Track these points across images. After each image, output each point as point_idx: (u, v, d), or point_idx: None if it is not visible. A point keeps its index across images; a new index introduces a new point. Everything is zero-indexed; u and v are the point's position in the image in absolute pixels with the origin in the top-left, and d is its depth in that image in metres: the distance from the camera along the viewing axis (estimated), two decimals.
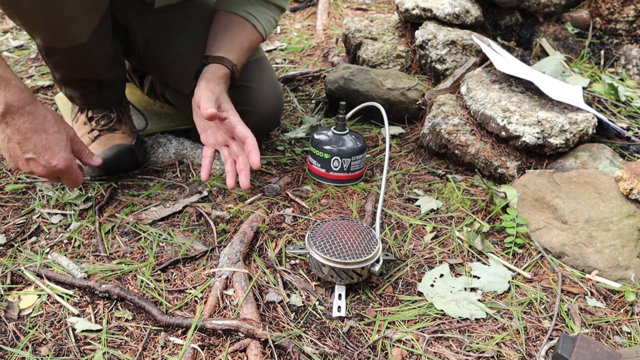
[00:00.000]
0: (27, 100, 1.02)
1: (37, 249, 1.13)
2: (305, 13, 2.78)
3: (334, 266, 1.02)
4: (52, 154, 1.05)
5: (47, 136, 1.04)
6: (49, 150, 1.05)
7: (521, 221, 1.21)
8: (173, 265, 1.11)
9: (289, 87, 1.95)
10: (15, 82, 1.01)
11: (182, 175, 1.39)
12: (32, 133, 1.03)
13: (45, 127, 1.04)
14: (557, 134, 1.33)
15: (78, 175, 1.12)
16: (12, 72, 1.01)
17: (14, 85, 1.00)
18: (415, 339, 0.97)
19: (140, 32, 1.41)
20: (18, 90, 1.01)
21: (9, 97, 0.99)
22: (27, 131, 1.03)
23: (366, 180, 1.43)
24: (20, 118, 1.02)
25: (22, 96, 1.01)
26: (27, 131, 1.03)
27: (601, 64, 1.90)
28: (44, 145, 1.04)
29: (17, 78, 1.02)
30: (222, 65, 1.24)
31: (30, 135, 1.03)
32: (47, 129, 1.04)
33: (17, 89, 1.01)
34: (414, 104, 1.65)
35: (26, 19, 1.13)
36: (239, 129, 1.19)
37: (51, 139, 1.05)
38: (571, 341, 0.91)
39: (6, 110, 1.00)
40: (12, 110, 1.01)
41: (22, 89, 1.01)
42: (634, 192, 1.16)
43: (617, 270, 1.12)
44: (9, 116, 1.01)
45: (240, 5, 1.32)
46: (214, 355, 0.92)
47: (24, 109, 1.01)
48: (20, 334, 0.94)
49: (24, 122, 1.02)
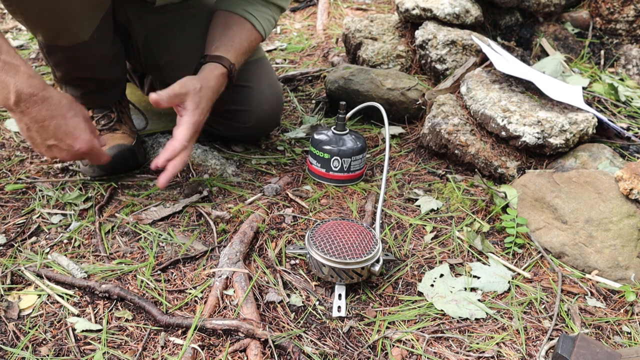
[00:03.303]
0: (38, 86, 0.99)
1: (37, 249, 1.13)
2: (305, 13, 2.78)
3: (334, 266, 1.02)
4: (74, 139, 1.04)
5: (66, 121, 1.02)
6: (69, 135, 1.03)
7: (521, 221, 1.21)
8: (173, 265, 1.11)
9: (289, 87, 1.95)
10: (24, 69, 0.98)
11: (182, 175, 1.39)
12: (49, 120, 1.00)
13: (62, 112, 1.02)
14: (557, 134, 1.33)
15: (101, 152, 1.11)
16: (21, 58, 0.98)
17: (23, 71, 0.97)
18: (415, 339, 0.97)
19: (141, 32, 1.41)
20: (27, 76, 0.98)
21: (19, 85, 0.97)
22: (45, 119, 1.00)
23: (366, 180, 1.43)
24: (34, 107, 0.99)
25: (33, 82, 0.98)
26: (45, 119, 1.00)
27: (601, 64, 1.90)
28: (63, 131, 1.02)
29: (26, 64, 0.99)
30: (220, 64, 1.23)
31: (48, 123, 1.01)
32: (65, 114, 1.02)
33: (27, 75, 0.98)
34: (414, 104, 1.65)
35: (28, 17, 1.13)
36: (177, 130, 1.15)
37: (70, 123, 1.03)
38: (571, 341, 0.91)
39: (18, 99, 0.97)
40: (25, 99, 0.98)
41: (31, 75, 0.98)
42: (634, 192, 1.16)
43: (617, 270, 1.12)
44: (23, 105, 0.98)
45: (239, 5, 1.32)
46: (214, 355, 0.92)
47: (37, 96, 0.99)
48: (20, 334, 0.94)
49: (40, 110, 0.99)
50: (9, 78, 0.97)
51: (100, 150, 1.11)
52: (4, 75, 0.97)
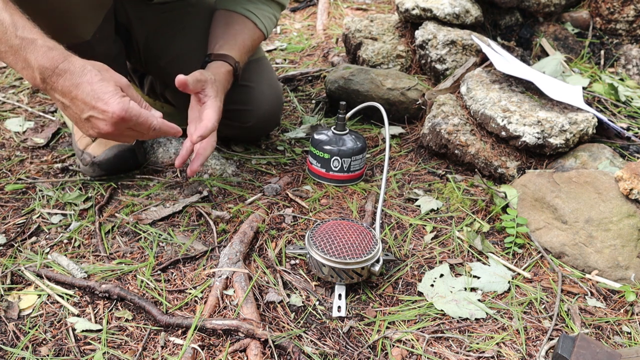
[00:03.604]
0: (58, 57, 0.92)
1: (37, 249, 1.13)
2: (305, 13, 2.77)
3: (334, 266, 1.02)
4: (104, 103, 0.93)
5: (92, 86, 0.93)
6: (99, 100, 0.93)
7: (521, 221, 1.21)
8: (173, 265, 1.11)
9: (289, 87, 1.95)
10: (41, 42, 0.92)
11: (182, 175, 1.39)
12: (76, 90, 0.93)
13: (87, 78, 0.93)
14: (557, 134, 1.33)
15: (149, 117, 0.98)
16: (37, 30, 0.93)
17: (41, 45, 0.92)
18: (415, 339, 0.97)
19: (141, 33, 1.41)
20: (46, 49, 0.92)
21: (39, 60, 0.91)
22: (71, 89, 0.93)
23: (366, 180, 1.43)
24: (59, 79, 0.93)
25: (52, 54, 0.92)
26: (71, 89, 0.93)
27: (601, 64, 1.90)
28: (92, 97, 0.93)
29: (44, 36, 0.93)
30: (225, 62, 1.24)
31: (76, 93, 0.93)
32: (90, 80, 0.93)
33: (45, 48, 0.92)
34: (414, 104, 1.65)
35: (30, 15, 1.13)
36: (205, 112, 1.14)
37: (97, 87, 0.93)
38: (571, 341, 0.91)
39: (42, 75, 0.92)
40: (48, 74, 0.92)
41: (50, 47, 0.92)
42: (634, 192, 1.16)
43: (617, 270, 1.12)
44: (49, 80, 0.93)
45: (240, 4, 1.32)
46: (214, 355, 0.92)
47: (58, 68, 0.92)
48: (20, 334, 0.94)
49: (64, 81, 0.93)
50: (29, 55, 0.91)
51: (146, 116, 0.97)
52: (23, 53, 0.91)
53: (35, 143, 1.51)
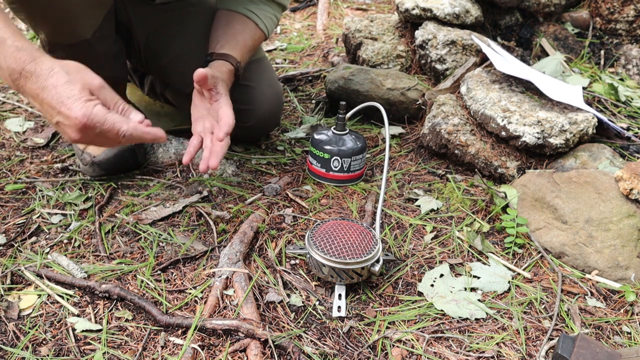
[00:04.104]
0: (25, 59, 0.86)
1: (37, 249, 1.13)
2: (305, 13, 2.78)
3: (334, 266, 1.02)
4: (67, 108, 0.86)
5: (57, 90, 0.86)
6: (62, 105, 0.86)
7: (521, 221, 1.21)
8: (173, 265, 1.11)
9: (289, 87, 1.95)
10: (10, 41, 0.87)
11: (182, 175, 1.39)
12: (42, 93, 0.87)
13: (53, 81, 0.86)
14: (557, 134, 1.33)
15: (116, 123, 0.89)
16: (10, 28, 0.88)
17: (9, 45, 0.87)
18: (415, 339, 0.97)
19: (142, 32, 1.41)
20: (14, 49, 0.86)
21: (7, 61, 0.86)
22: (38, 92, 0.87)
23: (366, 180, 1.43)
24: (27, 82, 0.87)
25: (19, 55, 0.86)
26: (38, 92, 0.87)
27: (601, 64, 1.90)
28: (57, 100, 0.86)
29: (15, 34, 0.88)
30: (227, 61, 1.24)
31: (42, 96, 0.87)
32: (56, 83, 0.86)
33: (13, 48, 0.86)
34: (414, 104, 1.65)
35: (31, 14, 1.13)
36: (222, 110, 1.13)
37: (61, 91, 0.86)
38: (571, 341, 0.91)
39: (11, 77, 0.87)
40: (16, 76, 0.87)
41: (18, 47, 0.87)
42: (634, 192, 1.16)
43: (617, 270, 1.12)
44: (17, 82, 0.88)
45: (241, 4, 1.32)
46: (214, 355, 0.92)
47: (25, 70, 0.87)
48: (20, 334, 0.94)
49: (31, 84, 0.87)
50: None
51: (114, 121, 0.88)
52: None
53: (35, 143, 1.51)
